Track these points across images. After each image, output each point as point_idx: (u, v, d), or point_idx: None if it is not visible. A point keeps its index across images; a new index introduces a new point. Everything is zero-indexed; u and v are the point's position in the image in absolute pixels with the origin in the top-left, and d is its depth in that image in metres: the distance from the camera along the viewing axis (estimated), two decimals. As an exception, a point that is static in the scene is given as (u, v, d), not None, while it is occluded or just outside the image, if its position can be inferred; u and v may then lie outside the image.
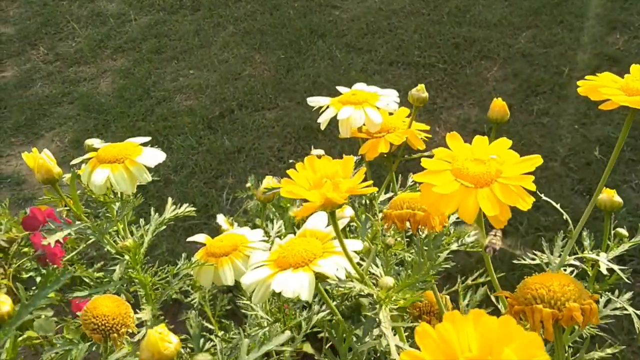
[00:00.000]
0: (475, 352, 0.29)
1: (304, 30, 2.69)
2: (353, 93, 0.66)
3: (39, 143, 2.33)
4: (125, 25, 2.95)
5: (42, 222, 1.08)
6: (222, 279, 0.59)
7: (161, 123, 2.32)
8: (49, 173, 0.61)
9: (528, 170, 0.40)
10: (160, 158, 0.62)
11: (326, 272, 0.44)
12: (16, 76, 2.73)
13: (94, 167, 0.61)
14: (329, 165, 0.47)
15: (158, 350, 0.41)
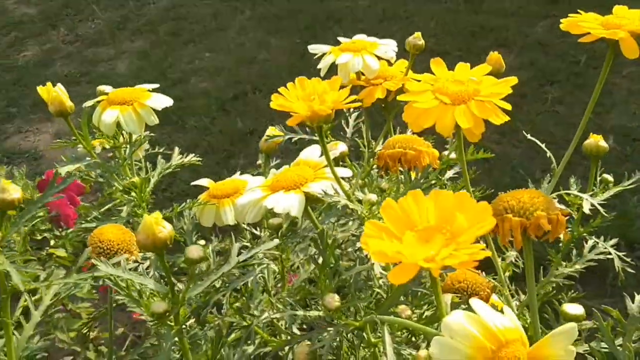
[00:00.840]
0: (433, 222, 0.31)
1: (320, 16, 2.70)
2: (353, 42, 0.67)
3: (56, 120, 2.37)
4: (143, 8, 2.98)
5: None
6: (223, 218, 0.61)
7: (176, 104, 2.32)
8: (62, 105, 0.64)
9: (504, 91, 0.43)
10: (167, 102, 0.65)
11: (314, 191, 0.47)
12: (37, 55, 2.78)
13: (104, 108, 0.64)
14: (318, 84, 0.49)
15: (153, 232, 0.43)
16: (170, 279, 0.45)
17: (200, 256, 0.45)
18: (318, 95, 0.47)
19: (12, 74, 2.67)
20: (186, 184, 1.99)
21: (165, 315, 0.45)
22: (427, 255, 0.28)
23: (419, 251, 0.29)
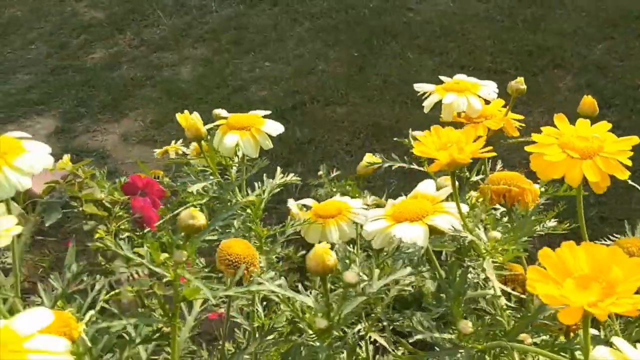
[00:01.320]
0: (587, 271, 0.37)
1: (378, 30, 2.76)
2: (456, 82, 0.72)
3: (123, 121, 2.49)
4: (206, 16, 3.09)
5: (141, 189, 1.19)
6: (329, 237, 0.67)
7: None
8: (198, 132, 0.71)
9: (626, 148, 0.48)
10: (280, 129, 0.71)
11: (438, 225, 0.52)
12: (104, 58, 2.92)
13: (224, 132, 0.70)
14: (452, 133, 0.55)
15: (323, 260, 0.52)
16: (328, 298, 0.53)
17: (356, 281, 0.53)
18: (452, 143, 0.53)
19: (81, 75, 2.81)
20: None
21: (327, 330, 0.52)
22: (589, 301, 0.34)
23: (581, 297, 0.35)
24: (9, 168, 0.47)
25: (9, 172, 0.47)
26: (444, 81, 0.74)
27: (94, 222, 1.09)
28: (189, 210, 0.52)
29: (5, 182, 0.46)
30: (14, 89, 2.79)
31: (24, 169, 0.47)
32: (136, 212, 1.15)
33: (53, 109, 2.62)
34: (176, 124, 2.49)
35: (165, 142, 2.33)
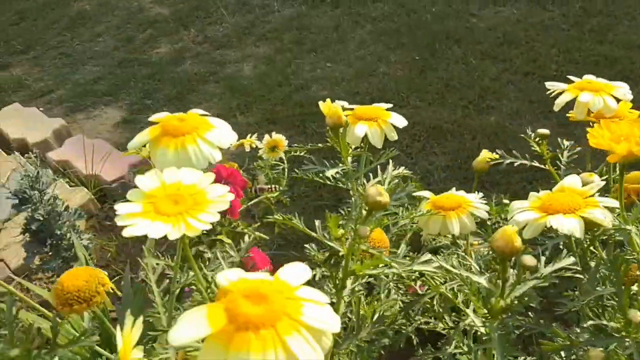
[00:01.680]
0: None
1: (440, 35, 2.76)
2: (588, 81, 0.73)
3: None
4: (269, 16, 3.15)
5: (225, 178, 1.23)
6: (450, 228, 0.69)
7: (298, 109, 2.48)
8: (339, 120, 0.73)
9: None
10: (404, 122, 0.74)
11: (596, 217, 0.53)
12: (169, 53, 3.00)
13: (354, 122, 0.73)
14: (624, 126, 0.56)
15: (512, 241, 0.53)
16: (506, 280, 0.54)
17: (535, 264, 0.54)
18: (624, 137, 0.54)
19: (147, 68, 2.90)
20: (306, 186, 2.11)
21: (503, 310, 0.54)
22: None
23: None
24: (203, 141, 0.50)
25: (202, 145, 0.49)
26: (573, 81, 0.75)
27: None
28: (377, 187, 0.55)
29: (200, 154, 0.49)
30: (83, 79, 2.89)
31: (215, 142, 0.50)
32: (220, 200, 1.19)
33: (120, 100, 2.71)
34: (239, 120, 2.56)
35: (228, 137, 2.40)
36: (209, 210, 0.46)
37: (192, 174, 0.49)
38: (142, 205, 0.45)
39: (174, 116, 0.53)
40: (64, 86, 2.86)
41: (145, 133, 0.53)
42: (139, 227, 0.43)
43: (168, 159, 0.48)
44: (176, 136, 0.50)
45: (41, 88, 2.87)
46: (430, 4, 3.00)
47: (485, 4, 2.93)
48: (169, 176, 0.48)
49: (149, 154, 0.53)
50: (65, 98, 2.77)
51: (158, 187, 0.47)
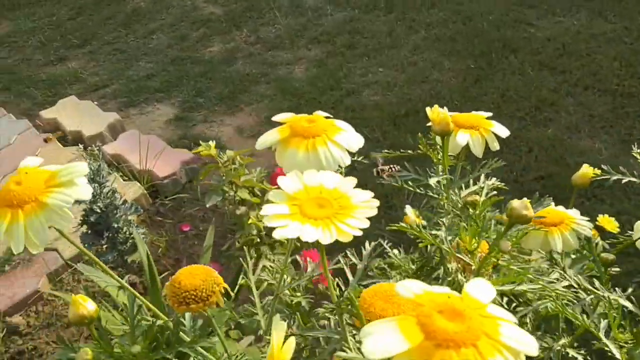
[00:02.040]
0: None
1: (497, 44, 2.71)
2: None
3: (238, 115, 2.57)
4: (321, 19, 3.14)
5: (288, 181, 1.23)
6: (552, 244, 0.66)
7: (349, 114, 2.46)
8: (447, 126, 0.70)
9: None
10: (507, 132, 0.71)
11: None
12: (221, 52, 3.02)
13: (455, 130, 0.71)
14: None
15: None
16: None
17: None
18: None
19: (199, 66, 2.92)
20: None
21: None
22: None
23: None
24: (333, 144, 0.49)
25: (332, 148, 0.48)
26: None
27: (245, 208, 1.12)
28: (523, 201, 0.53)
29: (330, 157, 0.48)
30: (136, 75, 2.93)
31: (345, 145, 0.49)
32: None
33: (172, 97, 2.74)
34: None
35: (278, 138, 2.39)
36: (356, 216, 0.45)
37: (333, 178, 0.47)
38: (288, 207, 0.44)
39: (302, 117, 0.52)
40: (118, 81, 2.91)
41: (274, 132, 0.52)
42: (291, 229, 0.42)
43: (298, 160, 0.47)
44: (306, 137, 0.49)
45: (96, 82, 2.92)
46: (487, 12, 2.95)
47: (544, 14, 2.87)
48: (310, 179, 0.47)
49: (275, 151, 0.51)
50: (119, 93, 2.82)
51: (301, 189, 0.46)
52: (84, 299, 0.57)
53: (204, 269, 0.55)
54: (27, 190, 0.47)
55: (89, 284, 1.90)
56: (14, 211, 0.47)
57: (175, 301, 0.53)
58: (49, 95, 2.87)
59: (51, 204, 0.48)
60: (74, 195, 0.48)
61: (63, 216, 0.48)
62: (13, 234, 0.47)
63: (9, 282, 1.84)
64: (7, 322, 1.75)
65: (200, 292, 0.53)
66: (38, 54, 3.26)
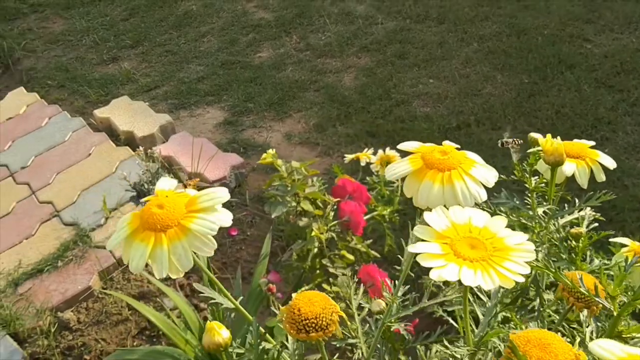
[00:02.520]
0: None
1: (552, 59, 2.66)
2: None
3: (287, 121, 2.57)
4: (372, 27, 3.13)
5: (350, 193, 1.22)
6: None
7: (399, 124, 2.44)
8: (561, 157, 0.68)
9: None
10: (613, 164, 0.69)
11: None
12: (271, 58, 3.03)
13: None
14: None
15: None
16: None
17: None
18: None
19: (248, 71, 2.94)
20: (405, 203, 2.07)
21: None
22: None
23: None
24: (469, 178, 0.47)
25: (469, 182, 0.47)
26: None
27: (307, 220, 1.12)
28: None
29: (467, 191, 0.47)
30: (187, 77, 2.97)
31: (481, 180, 0.48)
32: (344, 215, 1.17)
33: (222, 101, 2.76)
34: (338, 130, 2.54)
35: (327, 147, 2.39)
36: (514, 259, 0.42)
37: (481, 215, 0.46)
38: (440, 246, 0.43)
39: (434, 148, 0.51)
40: (169, 83, 2.95)
41: (405, 163, 0.50)
42: (449, 271, 0.41)
43: (433, 194, 0.46)
44: (441, 170, 0.47)
45: (147, 83, 2.96)
46: (541, 26, 2.90)
47: (601, 30, 2.80)
48: (458, 216, 0.46)
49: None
50: (169, 94, 2.85)
51: (449, 227, 0.45)
52: (219, 326, 0.56)
53: (322, 296, 0.54)
54: (169, 215, 0.47)
55: (138, 283, 1.93)
56: (157, 235, 0.47)
57: (294, 328, 0.52)
58: (102, 95, 2.92)
59: (195, 230, 0.47)
60: (217, 222, 0.47)
61: (206, 243, 0.48)
62: (157, 259, 0.47)
63: (61, 278, 1.87)
64: (59, 317, 1.79)
65: (320, 320, 0.52)
66: (91, 53, 3.32)
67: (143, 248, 0.46)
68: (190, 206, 0.48)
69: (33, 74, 3.20)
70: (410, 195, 0.48)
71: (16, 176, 2.32)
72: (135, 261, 0.46)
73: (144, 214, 0.47)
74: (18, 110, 2.71)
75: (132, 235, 0.47)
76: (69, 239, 2.00)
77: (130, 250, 0.46)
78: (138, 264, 0.47)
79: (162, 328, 1.20)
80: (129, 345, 1.77)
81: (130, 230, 0.48)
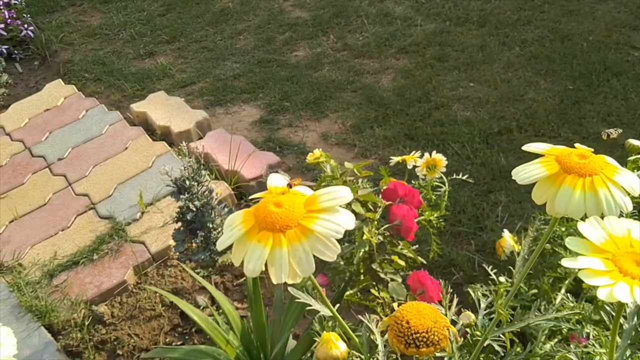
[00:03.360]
0: None
1: (597, 66, 2.58)
2: None
3: (323, 121, 2.54)
4: (410, 29, 3.08)
5: (401, 196, 1.18)
6: None
7: (438, 128, 2.39)
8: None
9: None
10: None
11: None
12: (307, 57, 3.00)
13: None
14: None
15: None
16: None
17: None
18: None
19: (285, 70, 2.92)
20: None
21: None
22: None
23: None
24: (614, 185, 0.43)
25: (614, 190, 0.43)
26: None
27: (358, 222, 1.08)
28: None
29: (612, 200, 0.42)
30: (223, 74, 2.95)
31: (625, 187, 0.43)
32: (395, 219, 1.13)
33: (258, 99, 2.74)
34: (376, 132, 2.50)
35: (364, 148, 2.35)
36: None
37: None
38: (602, 262, 0.39)
39: (570, 151, 0.47)
40: (205, 79, 2.94)
41: (537, 167, 0.46)
42: (619, 290, 0.36)
43: (574, 201, 0.42)
44: (582, 176, 0.43)
45: (184, 79, 2.96)
46: (586, 32, 2.82)
47: (649, 37, 2.72)
48: (615, 227, 0.42)
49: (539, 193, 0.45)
50: (205, 91, 2.84)
51: (607, 239, 0.41)
52: (337, 338, 0.52)
53: (432, 308, 0.50)
54: (289, 214, 0.43)
55: (172, 279, 1.91)
56: (276, 236, 0.43)
57: (402, 342, 0.48)
58: (138, 89, 2.92)
59: (319, 232, 0.43)
60: (342, 224, 0.43)
61: (329, 247, 0.43)
62: (276, 261, 0.43)
63: (96, 272, 1.87)
64: (93, 310, 1.78)
65: (432, 335, 0.48)
66: (128, 47, 3.33)
67: (261, 249, 0.42)
68: (310, 205, 0.44)
69: (70, 66, 3.22)
70: (543, 201, 0.43)
71: (53, 167, 2.33)
72: (253, 264, 0.42)
73: (259, 212, 0.44)
74: (56, 102, 2.73)
75: (247, 235, 0.43)
76: (105, 232, 1.99)
77: (247, 251, 0.42)
78: (255, 266, 0.43)
79: (204, 327, 1.17)
80: (161, 341, 1.75)
81: (245, 229, 0.44)
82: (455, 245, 1.93)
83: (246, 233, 0.44)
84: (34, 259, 1.92)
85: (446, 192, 1.44)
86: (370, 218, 1.09)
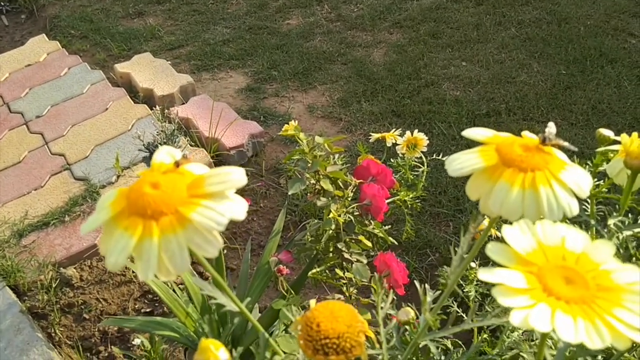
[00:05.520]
0: None
1: (593, 51, 2.53)
2: None
3: (310, 92, 2.49)
4: (406, 3, 3.01)
5: (373, 175, 1.14)
6: None
7: (426, 106, 2.35)
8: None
9: None
10: None
11: None
12: (299, 26, 2.93)
13: None
14: None
15: None
16: None
17: None
18: None
19: (275, 38, 2.85)
20: (425, 190, 1.99)
21: None
22: None
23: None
24: (558, 184, 0.36)
25: (558, 190, 0.36)
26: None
27: (326, 199, 1.05)
28: None
29: (554, 201, 0.35)
30: (213, 39, 2.88)
31: (574, 188, 0.37)
32: (365, 198, 1.10)
33: (246, 66, 2.68)
34: (363, 107, 2.45)
35: (349, 123, 2.31)
36: (628, 305, 0.32)
37: (578, 237, 0.36)
38: (524, 277, 0.33)
39: (513, 140, 0.40)
40: (193, 43, 2.87)
41: (474, 156, 0.39)
42: (538, 314, 0.30)
43: (510, 199, 0.35)
44: (523, 170, 0.36)
45: (172, 41, 2.89)
46: (585, 16, 2.76)
47: (648, 25, 2.67)
48: (548, 234, 0.36)
49: (475, 188, 0.38)
50: (193, 55, 2.78)
51: (535, 248, 0.35)
52: (217, 346, 0.46)
53: (348, 309, 0.45)
54: (165, 198, 0.35)
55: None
56: (147, 223, 0.35)
57: (310, 347, 0.43)
58: (124, 49, 2.85)
59: (197, 222, 0.36)
60: (227, 213, 0.36)
61: (209, 240, 0.36)
62: (143, 254, 0.35)
63: (67, 233, 1.83)
64: (61, 273, 1.75)
65: (343, 341, 0.42)
66: (117, 5, 3.25)
67: (126, 239, 0.35)
68: (194, 189, 0.37)
69: (57, 22, 3.13)
70: (477, 197, 0.37)
71: (30, 125, 2.28)
72: (115, 256, 0.35)
73: (132, 193, 0.36)
74: (38, 58, 2.66)
75: (115, 219, 0.36)
76: (79, 194, 1.95)
77: (110, 240, 0.35)
78: (117, 260, 0.35)
79: (163, 297, 1.14)
80: (130, 307, 1.73)
81: (113, 212, 0.37)
82: (434, 227, 1.90)
83: (113, 218, 0.36)
84: (4, 218, 1.88)
85: (425, 172, 1.40)
86: (339, 196, 1.05)
